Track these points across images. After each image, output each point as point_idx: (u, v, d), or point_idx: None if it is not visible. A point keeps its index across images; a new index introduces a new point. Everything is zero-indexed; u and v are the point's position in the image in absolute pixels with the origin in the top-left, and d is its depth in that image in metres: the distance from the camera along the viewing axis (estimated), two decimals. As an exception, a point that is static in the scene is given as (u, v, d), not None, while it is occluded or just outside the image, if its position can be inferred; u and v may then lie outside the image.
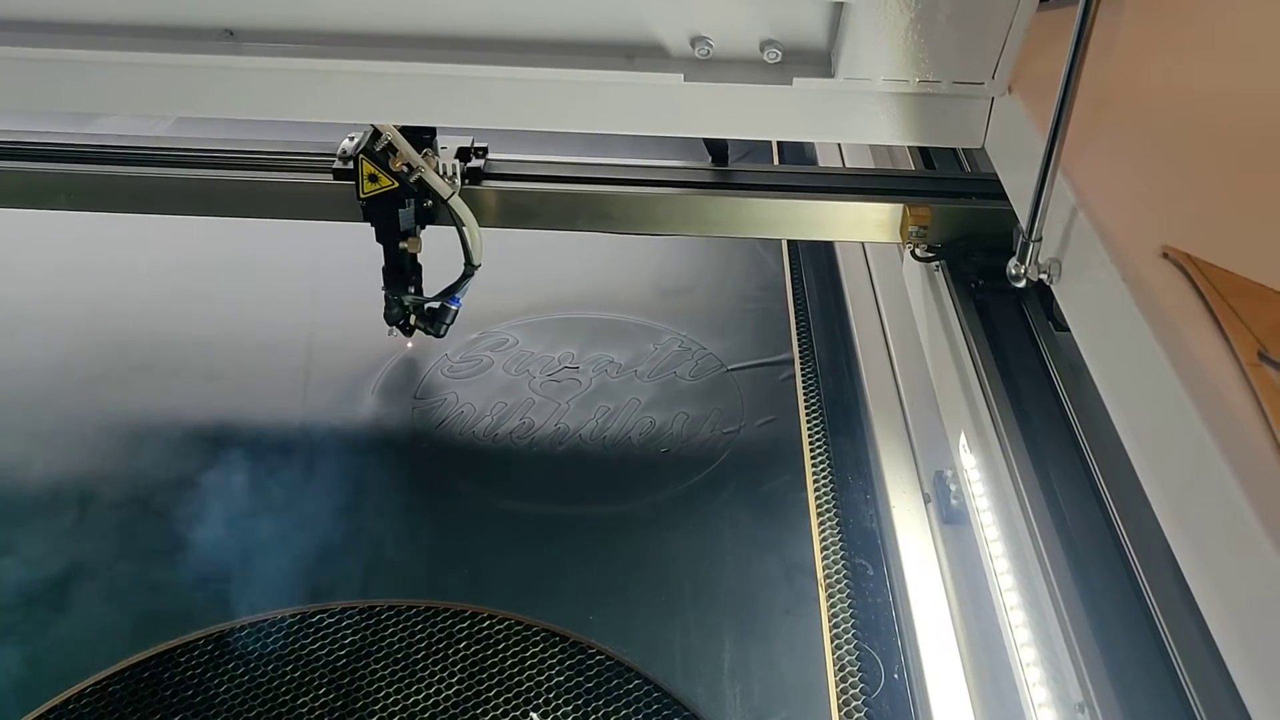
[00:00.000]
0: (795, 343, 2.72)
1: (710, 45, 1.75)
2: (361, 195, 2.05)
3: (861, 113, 1.80)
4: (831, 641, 1.91)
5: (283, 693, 1.85)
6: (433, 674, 1.88)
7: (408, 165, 2.03)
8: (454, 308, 2.29)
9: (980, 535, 1.74)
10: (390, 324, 2.33)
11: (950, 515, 2.01)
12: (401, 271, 2.24)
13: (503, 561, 2.10)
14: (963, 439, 1.82)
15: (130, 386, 2.57)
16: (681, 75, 1.77)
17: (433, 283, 2.33)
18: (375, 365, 2.62)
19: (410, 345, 2.62)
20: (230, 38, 1.82)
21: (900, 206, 2.03)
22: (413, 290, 2.28)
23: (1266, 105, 1.62)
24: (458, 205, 2.07)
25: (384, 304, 2.31)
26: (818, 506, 2.20)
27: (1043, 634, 1.43)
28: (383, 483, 2.30)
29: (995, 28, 1.60)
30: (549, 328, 2.75)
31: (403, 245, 2.17)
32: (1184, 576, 1.05)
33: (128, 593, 2.03)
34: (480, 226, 2.15)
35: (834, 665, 1.86)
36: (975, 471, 1.77)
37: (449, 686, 1.85)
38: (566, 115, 1.88)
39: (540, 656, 1.90)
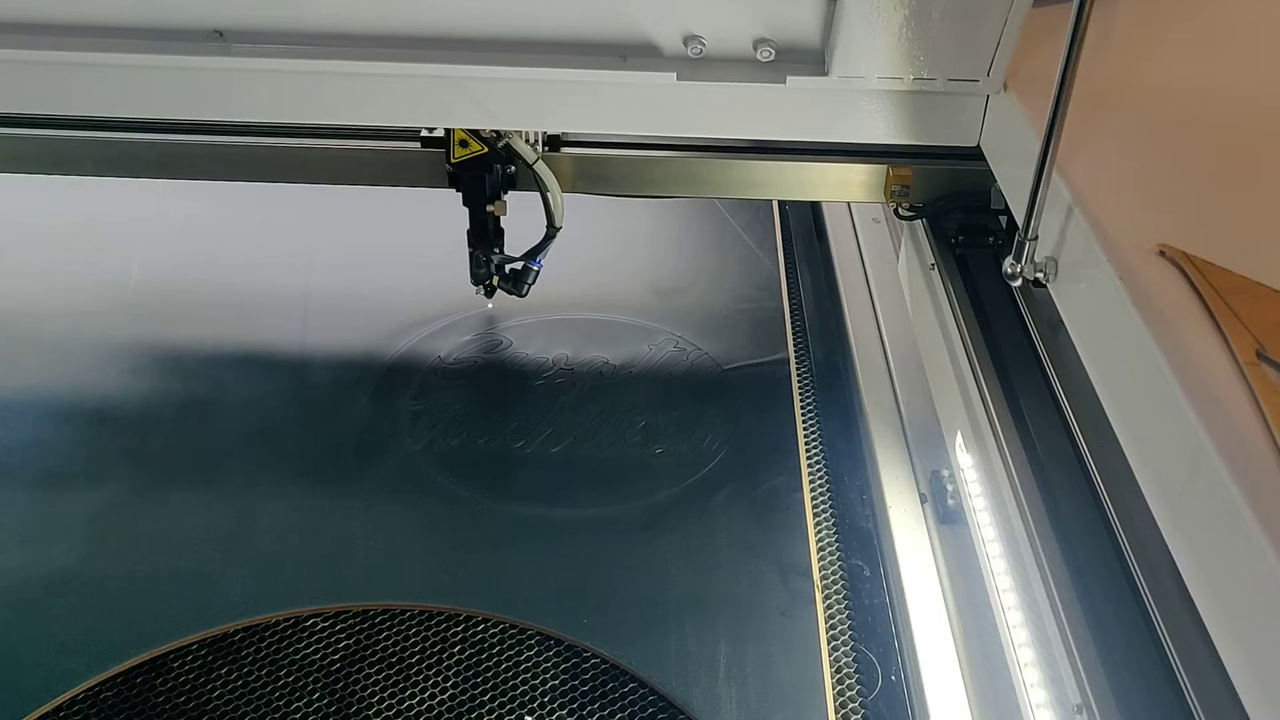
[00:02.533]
0: (791, 342, 2.71)
1: (703, 44, 1.74)
2: (452, 160, 2.13)
3: (856, 111, 1.80)
4: (828, 643, 1.89)
5: (276, 698, 1.84)
6: (427, 678, 1.87)
7: (496, 132, 2.10)
8: (535, 268, 2.37)
9: (977, 535, 1.74)
10: (477, 284, 2.41)
11: (947, 515, 2.01)
12: (486, 234, 2.32)
13: (497, 564, 2.09)
14: (959, 438, 1.81)
15: (113, 397, 2.56)
16: (675, 74, 1.76)
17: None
18: (370, 367, 2.61)
19: (490, 305, 2.70)
20: (220, 39, 1.81)
21: (884, 167, 2.07)
22: (497, 251, 2.37)
23: (1261, 103, 1.61)
24: (542, 170, 2.14)
25: (470, 264, 2.39)
26: (814, 507, 2.19)
27: (1040, 635, 1.43)
28: (377, 485, 2.28)
29: (990, 24, 1.60)
30: (543, 329, 2.74)
31: (490, 209, 2.26)
32: (1181, 576, 1.05)
33: (96, 599, 2.02)
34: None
35: (830, 667, 1.85)
36: (972, 471, 1.76)
37: (443, 690, 1.84)
38: (560, 115, 1.88)
39: (535, 660, 1.89)
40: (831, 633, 1.92)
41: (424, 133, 2.16)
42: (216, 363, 2.65)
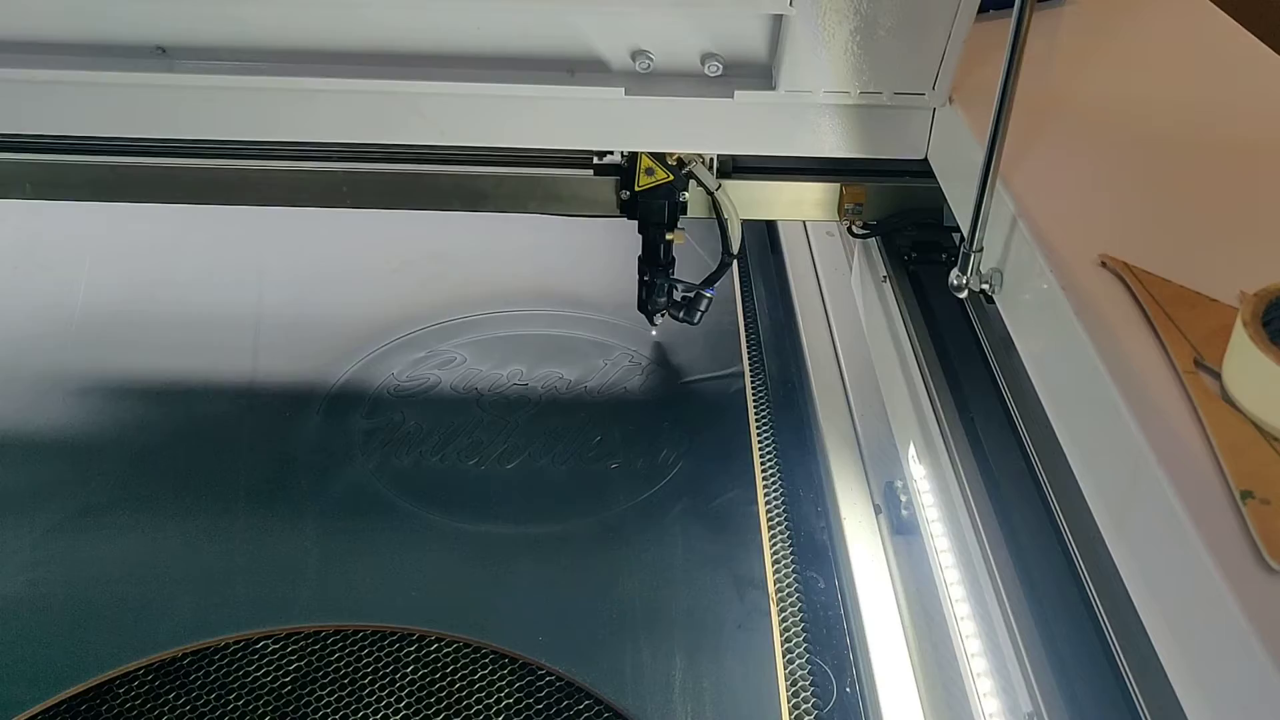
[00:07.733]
0: (745, 356, 2.72)
1: (651, 59, 1.74)
2: (637, 187, 2.12)
3: (804, 125, 1.80)
4: (783, 656, 1.89)
5: (225, 723, 1.81)
6: (380, 699, 1.84)
7: (679, 160, 2.10)
8: (709, 295, 2.39)
9: (930, 546, 1.75)
10: (654, 311, 2.42)
11: (901, 526, 2.01)
12: (660, 261, 2.33)
13: (451, 583, 2.07)
14: (912, 449, 1.82)
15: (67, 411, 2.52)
16: (623, 89, 1.76)
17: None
18: (321, 385, 2.58)
19: (654, 333, 2.70)
20: (162, 55, 1.79)
21: (837, 185, 2.09)
22: (674, 279, 2.38)
23: (1199, 115, 1.64)
24: (722, 197, 2.15)
25: (642, 291, 2.40)
26: (769, 520, 2.19)
27: (993, 644, 1.43)
28: (328, 504, 2.26)
29: (935, 38, 1.61)
30: (497, 345, 2.72)
31: (669, 236, 2.25)
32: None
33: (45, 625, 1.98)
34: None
35: (786, 680, 1.85)
36: (925, 481, 1.77)
37: (397, 712, 1.82)
38: (507, 130, 1.87)
39: (489, 679, 1.87)
40: (786, 645, 1.92)
41: (595, 160, 2.14)
42: (163, 382, 2.61)
